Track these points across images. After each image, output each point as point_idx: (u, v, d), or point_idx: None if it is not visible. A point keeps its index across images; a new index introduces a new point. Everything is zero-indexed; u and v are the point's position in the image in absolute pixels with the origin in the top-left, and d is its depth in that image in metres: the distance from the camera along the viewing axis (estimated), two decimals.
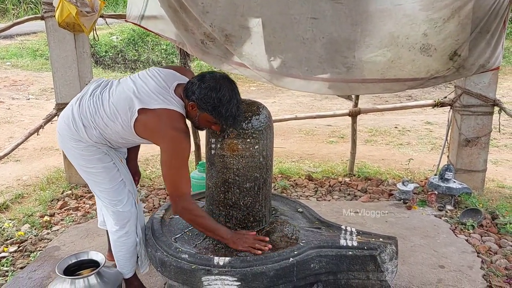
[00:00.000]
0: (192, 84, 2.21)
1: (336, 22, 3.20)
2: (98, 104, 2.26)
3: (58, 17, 3.51)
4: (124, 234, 2.47)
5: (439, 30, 3.08)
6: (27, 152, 5.84)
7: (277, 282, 2.21)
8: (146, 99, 2.17)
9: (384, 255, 2.34)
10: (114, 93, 2.27)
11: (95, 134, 2.27)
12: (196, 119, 2.27)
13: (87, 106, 2.28)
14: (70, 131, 2.28)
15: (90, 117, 2.25)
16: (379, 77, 3.40)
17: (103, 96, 2.28)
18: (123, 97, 2.21)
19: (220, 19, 3.31)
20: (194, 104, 2.20)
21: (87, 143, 2.29)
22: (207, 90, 2.16)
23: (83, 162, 2.35)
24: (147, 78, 2.28)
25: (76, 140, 2.29)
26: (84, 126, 2.25)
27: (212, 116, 2.19)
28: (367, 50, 3.27)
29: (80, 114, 2.27)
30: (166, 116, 2.15)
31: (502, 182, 4.81)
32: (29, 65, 11.36)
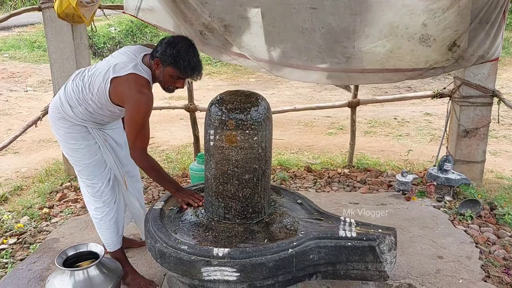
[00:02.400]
0: (156, 46, 2.53)
1: (335, 12, 3.18)
2: (80, 84, 2.52)
3: (57, 8, 3.47)
4: (99, 208, 2.74)
5: (439, 20, 3.07)
6: (26, 144, 5.83)
7: (276, 273, 2.22)
8: (118, 69, 2.42)
9: (383, 246, 2.34)
10: (92, 72, 2.51)
11: (81, 111, 2.53)
12: (161, 75, 2.51)
13: (71, 88, 2.55)
14: (58, 112, 2.56)
15: (75, 96, 2.51)
16: (378, 67, 3.40)
17: (84, 77, 2.54)
18: (99, 73, 2.46)
19: (219, 9, 3.30)
20: (158, 59, 2.47)
21: (73, 122, 2.56)
22: (167, 45, 2.47)
23: (68, 139, 2.60)
24: (118, 55, 2.55)
25: (64, 119, 2.56)
26: (70, 106, 2.52)
27: (174, 68, 2.46)
28: (367, 40, 3.26)
29: (66, 96, 2.54)
30: (133, 80, 2.41)
31: (500, 173, 4.81)
32: (27, 57, 11.33)
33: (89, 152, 2.64)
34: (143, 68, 2.49)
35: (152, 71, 2.53)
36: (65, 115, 2.55)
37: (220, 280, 2.17)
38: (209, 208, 2.60)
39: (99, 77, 2.46)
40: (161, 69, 2.50)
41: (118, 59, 2.50)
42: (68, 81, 2.63)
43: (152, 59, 2.51)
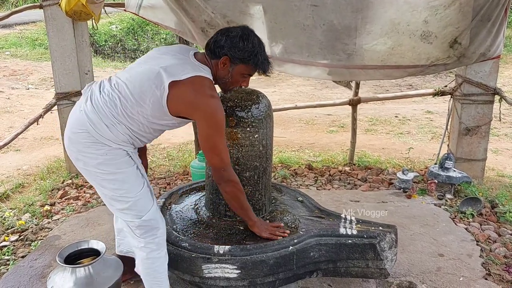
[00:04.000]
0: (217, 41, 2.12)
1: (336, 9, 3.19)
2: (116, 97, 2.02)
3: (65, 5, 3.43)
4: (155, 248, 2.16)
5: (440, 17, 3.07)
6: (27, 141, 5.84)
7: (276, 270, 2.22)
8: (174, 72, 1.99)
9: (384, 243, 2.35)
10: (130, 80, 2.04)
11: (121, 131, 2.03)
12: (229, 75, 2.15)
13: (102, 103, 2.01)
14: (91, 137, 2.00)
15: (110, 114, 2.00)
16: (379, 64, 3.41)
17: (119, 87, 2.03)
18: (145, 79, 2.01)
19: (221, 5, 3.31)
20: (227, 58, 2.10)
21: (111, 145, 2.02)
22: (238, 39, 2.10)
23: (108, 168, 2.03)
24: (161, 56, 2.12)
25: (99, 144, 2.01)
26: (107, 126, 1.99)
27: (249, 64, 2.13)
28: (368, 37, 3.26)
29: (98, 114, 2.00)
30: (199, 84, 2.01)
31: (502, 171, 4.81)
32: (29, 54, 11.33)
33: (136, 179, 2.11)
34: (201, 66, 2.09)
35: (212, 71, 2.14)
36: (101, 138, 2.00)
37: (221, 277, 2.18)
38: (209, 206, 2.61)
39: (146, 84, 1.99)
40: (229, 68, 2.13)
41: (163, 61, 2.06)
42: (93, 95, 2.07)
43: (215, 57, 2.12)
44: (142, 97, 1.99)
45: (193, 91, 1.99)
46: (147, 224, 2.11)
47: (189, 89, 1.99)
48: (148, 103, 1.99)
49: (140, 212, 2.10)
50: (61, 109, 4.38)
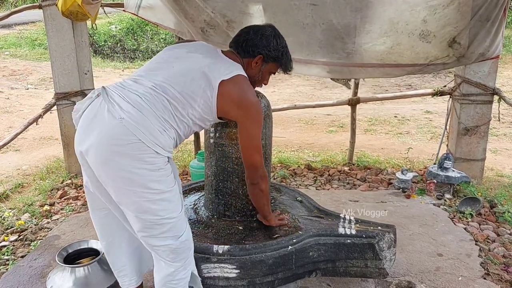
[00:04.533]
0: (250, 40, 2.13)
1: (335, 9, 3.20)
2: (163, 99, 1.86)
3: (61, 6, 3.44)
4: (184, 271, 2.00)
5: (439, 16, 3.08)
6: (27, 141, 5.84)
7: (276, 270, 2.23)
8: (218, 71, 1.95)
9: (383, 243, 2.35)
10: (173, 81, 1.91)
11: (170, 136, 1.88)
12: (260, 74, 2.18)
13: (150, 107, 1.83)
14: (144, 146, 1.77)
15: (162, 117, 1.84)
16: (379, 62, 3.42)
17: (162, 89, 1.88)
18: (189, 79, 1.92)
19: (221, 5, 3.32)
20: (261, 57, 2.12)
21: (163, 154, 1.84)
22: (272, 38, 2.14)
23: (158, 188, 1.82)
24: (192, 55, 2.04)
25: (152, 155, 1.80)
26: (160, 132, 1.82)
27: (279, 63, 2.18)
28: (367, 36, 3.27)
29: (149, 119, 1.80)
30: (244, 82, 2.01)
31: (501, 171, 4.81)
32: (28, 54, 11.33)
33: (179, 197, 1.96)
34: (236, 64, 2.07)
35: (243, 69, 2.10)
36: (155, 146, 1.79)
37: (220, 277, 2.18)
38: (209, 206, 2.61)
39: (194, 85, 1.91)
40: (261, 67, 2.15)
41: (199, 60, 1.99)
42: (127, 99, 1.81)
43: (248, 56, 2.12)
44: (194, 97, 1.91)
45: (239, 90, 1.98)
46: (183, 245, 1.94)
47: (236, 88, 1.97)
48: (199, 104, 1.93)
49: (178, 232, 1.92)
50: (60, 109, 4.38)
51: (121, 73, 11.04)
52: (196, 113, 1.94)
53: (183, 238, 1.91)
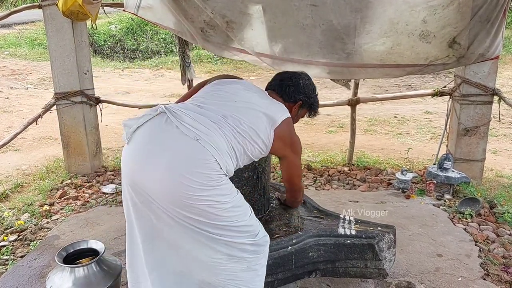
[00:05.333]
0: (294, 86, 2.34)
1: (335, 9, 3.19)
2: (234, 131, 1.92)
3: (62, 5, 3.44)
4: (264, 259, 2.03)
5: (439, 17, 3.08)
6: (26, 141, 5.84)
7: (275, 270, 2.23)
8: (276, 112, 2.11)
9: (382, 243, 2.35)
10: (240, 116, 1.97)
11: (234, 164, 1.94)
12: (295, 118, 2.37)
13: (221, 135, 1.87)
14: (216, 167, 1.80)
15: (230, 146, 1.90)
16: (378, 63, 3.41)
17: (231, 121, 1.94)
18: (255, 116, 2.01)
19: (220, 5, 3.31)
20: (301, 103, 2.35)
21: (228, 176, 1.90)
22: (310, 87, 2.40)
23: (226, 199, 1.85)
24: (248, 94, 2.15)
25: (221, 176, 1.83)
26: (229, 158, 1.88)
27: (311, 109, 2.43)
28: (367, 36, 3.27)
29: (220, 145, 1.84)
30: (291, 124, 2.20)
31: (500, 172, 4.81)
32: (28, 54, 11.33)
33: (243, 199, 2.00)
34: (283, 106, 2.22)
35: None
36: (225, 169, 1.85)
37: None
38: None
39: (259, 122, 2.00)
40: (297, 111, 2.38)
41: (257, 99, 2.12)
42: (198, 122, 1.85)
43: (290, 101, 2.31)
44: (258, 133, 1.99)
45: (290, 131, 2.16)
46: (261, 240, 1.99)
47: (287, 128, 2.13)
48: (261, 141, 2.01)
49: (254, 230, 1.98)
50: (60, 109, 4.38)
51: (121, 73, 11.04)
52: (256, 149, 2.02)
53: (260, 235, 1.97)
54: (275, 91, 2.35)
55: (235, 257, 1.89)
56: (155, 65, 11.82)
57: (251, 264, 1.93)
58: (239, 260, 1.90)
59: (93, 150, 4.63)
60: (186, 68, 4.40)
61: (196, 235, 1.82)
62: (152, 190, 1.79)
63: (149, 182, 1.79)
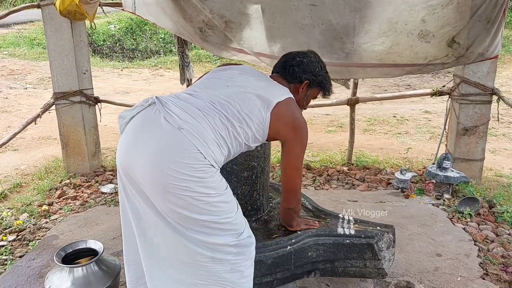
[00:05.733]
0: (297, 66, 2.21)
1: (334, 9, 3.19)
2: (222, 116, 1.88)
3: (59, 5, 3.44)
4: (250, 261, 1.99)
5: (438, 16, 3.08)
6: (25, 141, 5.83)
7: (274, 270, 2.22)
8: (273, 93, 2.00)
9: (382, 243, 2.35)
10: (230, 100, 1.93)
11: (224, 153, 1.88)
12: (304, 98, 2.26)
13: (209, 121, 1.84)
14: (199, 157, 1.75)
15: (218, 133, 1.85)
16: (378, 62, 3.41)
17: (220, 106, 1.90)
18: (246, 99, 1.95)
19: (219, 6, 3.31)
20: (308, 82, 2.21)
21: (215, 168, 1.82)
22: (317, 64, 2.23)
23: (213, 191, 1.80)
24: (243, 77, 2.09)
25: (206, 166, 1.77)
26: (217, 146, 1.83)
27: (322, 87, 2.27)
28: (366, 36, 3.27)
29: (208, 133, 1.81)
30: (294, 105, 2.08)
31: (499, 171, 4.81)
32: (27, 54, 11.32)
33: (232, 195, 1.95)
34: (285, 88, 2.12)
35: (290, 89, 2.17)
36: (210, 159, 1.78)
37: None
38: None
39: (251, 104, 1.94)
40: (306, 92, 2.24)
41: (252, 82, 2.04)
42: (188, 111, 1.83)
43: (295, 81, 2.21)
44: (250, 116, 1.93)
45: (292, 112, 2.04)
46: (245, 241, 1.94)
47: (289, 110, 2.03)
48: (254, 123, 1.95)
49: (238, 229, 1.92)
50: (59, 108, 4.37)
51: (120, 72, 11.03)
52: (250, 133, 1.95)
53: (244, 235, 1.92)
54: (278, 73, 2.26)
55: (219, 259, 1.85)
56: (154, 65, 11.81)
57: (236, 266, 1.89)
58: (222, 262, 1.86)
59: (92, 150, 4.62)
60: (185, 68, 4.40)
61: (180, 236, 1.80)
62: (141, 180, 1.79)
63: (137, 172, 1.79)
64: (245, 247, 1.92)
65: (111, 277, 2.38)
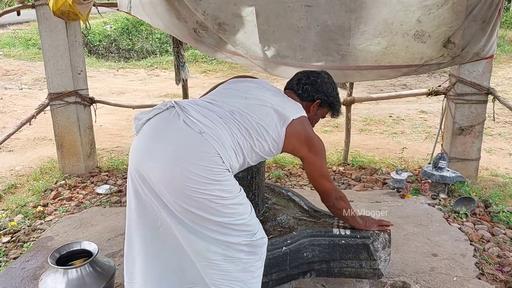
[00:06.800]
0: (311, 84, 2.27)
1: (330, 10, 3.18)
2: (240, 126, 1.92)
3: (52, 5, 3.42)
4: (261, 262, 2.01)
5: (433, 16, 3.08)
6: (20, 142, 5.81)
7: (270, 271, 2.22)
8: (289, 110, 2.06)
9: (377, 243, 2.35)
10: (249, 112, 1.97)
11: (240, 160, 1.93)
12: (315, 117, 2.32)
13: (228, 130, 1.88)
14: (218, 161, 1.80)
15: (236, 141, 1.90)
16: (373, 64, 3.41)
17: (239, 117, 1.95)
18: (264, 113, 2.00)
19: (213, 7, 3.29)
20: (320, 102, 2.27)
21: (230, 173, 1.87)
22: (330, 85, 2.30)
23: (228, 194, 1.84)
24: (261, 91, 2.14)
25: (223, 170, 1.82)
26: (233, 152, 1.87)
27: (332, 108, 2.34)
28: (362, 37, 3.26)
29: (226, 139, 1.85)
30: (307, 122, 2.13)
31: (495, 171, 4.82)
32: (22, 54, 11.29)
33: (246, 197, 1.98)
34: (299, 105, 2.18)
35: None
36: (228, 163, 1.83)
37: None
38: None
39: (268, 119, 1.98)
40: (317, 111, 2.31)
41: (270, 97, 2.09)
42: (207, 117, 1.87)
43: (307, 100, 2.26)
44: (267, 130, 1.98)
45: (305, 129, 2.09)
46: (258, 242, 1.97)
47: (302, 127, 2.08)
48: (270, 137, 1.99)
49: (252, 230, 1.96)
50: (54, 109, 4.36)
51: (116, 73, 11.01)
52: (266, 145, 1.99)
53: (257, 236, 1.95)
54: (292, 90, 2.31)
55: (230, 258, 1.89)
56: (150, 65, 11.79)
57: (247, 265, 1.92)
58: (234, 260, 1.89)
59: (87, 151, 4.60)
60: (180, 68, 4.39)
61: (193, 234, 1.84)
62: (154, 180, 1.82)
63: (152, 172, 1.82)
64: (258, 247, 1.96)
65: (105, 278, 2.37)
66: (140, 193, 1.92)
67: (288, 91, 2.32)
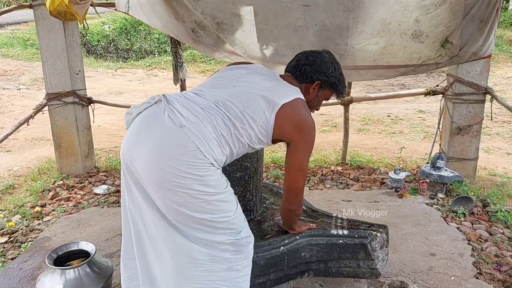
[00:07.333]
0: (309, 66, 2.16)
1: (328, 9, 3.18)
2: (224, 116, 1.88)
3: (49, 5, 3.43)
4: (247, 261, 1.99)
5: (431, 16, 3.08)
6: (18, 142, 5.80)
7: (267, 271, 2.22)
8: (279, 94, 1.97)
9: (375, 243, 2.35)
10: (234, 100, 1.92)
11: (225, 153, 1.88)
12: (315, 99, 2.21)
13: (211, 121, 1.84)
14: (199, 155, 1.77)
15: (220, 133, 1.85)
16: (371, 63, 3.41)
17: (224, 106, 1.90)
18: (251, 100, 1.93)
19: (211, 6, 3.29)
20: (319, 83, 2.15)
21: (215, 166, 1.83)
22: (330, 64, 2.16)
23: (212, 190, 1.81)
24: (251, 77, 2.07)
25: (206, 164, 1.78)
26: (217, 146, 1.83)
27: (334, 88, 2.21)
28: (360, 37, 3.26)
29: (209, 132, 1.81)
30: (303, 106, 2.02)
31: (493, 170, 4.83)
32: (20, 54, 11.27)
33: (233, 194, 1.95)
34: (296, 88, 2.09)
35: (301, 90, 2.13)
36: (210, 157, 1.79)
37: None
38: None
39: (255, 105, 1.92)
40: (318, 92, 2.18)
41: (259, 83, 2.02)
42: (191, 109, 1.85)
43: (306, 81, 2.16)
44: (254, 117, 1.91)
45: (298, 112, 1.99)
46: (243, 241, 1.95)
47: (295, 110, 1.98)
48: (258, 125, 1.93)
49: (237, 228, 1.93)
50: (52, 109, 4.35)
51: (114, 73, 10.99)
52: (252, 134, 1.93)
53: (242, 235, 1.92)
54: (290, 72, 2.21)
55: (216, 257, 1.87)
56: (149, 65, 11.78)
57: (232, 264, 1.91)
58: (219, 260, 1.87)
59: (85, 151, 4.60)
60: (178, 68, 4.38)
61: (178, 234, 1.83)
62: (141, 174, 1.82)
63: (138, 166, 1.82)
64: (243, 246, 1.93)
65: (103, 279, 2.37)
66: (130, 188, 1.93)
67: (286, 74, 2.22)
